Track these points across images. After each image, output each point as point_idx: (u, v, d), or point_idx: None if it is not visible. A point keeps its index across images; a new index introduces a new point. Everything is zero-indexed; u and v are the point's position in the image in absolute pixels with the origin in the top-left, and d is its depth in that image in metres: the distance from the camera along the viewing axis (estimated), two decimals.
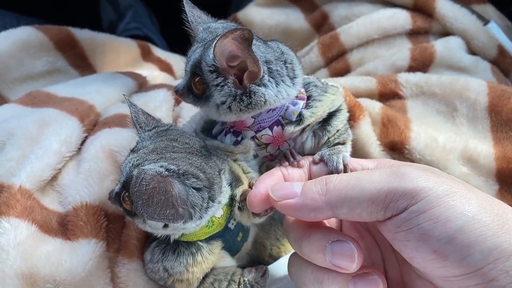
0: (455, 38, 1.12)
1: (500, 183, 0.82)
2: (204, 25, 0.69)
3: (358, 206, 0.50)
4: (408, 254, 0.49)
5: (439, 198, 0.46)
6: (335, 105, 0.69)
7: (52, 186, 0.76)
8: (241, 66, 0.62)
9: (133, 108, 0.66)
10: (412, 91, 0.96)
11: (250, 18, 1.34)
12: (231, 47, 0.59)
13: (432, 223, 0.46)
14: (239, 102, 0.63)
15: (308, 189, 0.54)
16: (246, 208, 0.64)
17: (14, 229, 0.66)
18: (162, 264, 0.64)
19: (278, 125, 0.67)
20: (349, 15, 1.22)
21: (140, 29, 1.73)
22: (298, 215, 0.55)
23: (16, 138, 0.78)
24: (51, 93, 0.94)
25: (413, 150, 0.83)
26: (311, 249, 0.54)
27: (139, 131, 0.65)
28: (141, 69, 1.22)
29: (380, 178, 0.50)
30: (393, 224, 0.49)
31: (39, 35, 1.09)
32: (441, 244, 0.45)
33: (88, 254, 0.67)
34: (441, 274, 0.47)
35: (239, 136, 0.68)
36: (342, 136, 0.69)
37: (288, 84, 0.65)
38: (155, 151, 0.61)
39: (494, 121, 0.87)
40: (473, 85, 0.90)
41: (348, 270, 0.52)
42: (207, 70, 0.63)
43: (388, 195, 0.48)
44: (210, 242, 0.65)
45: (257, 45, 0.64)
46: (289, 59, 0.67)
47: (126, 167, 0.60)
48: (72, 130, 0.80)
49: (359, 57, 1.15)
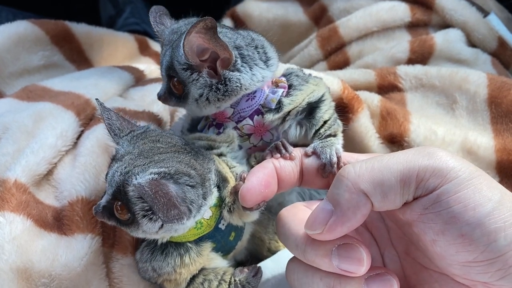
0: (454, 30, 1.12)
1: (500, 175, 0.81)
2: (169, 29, 0.70)
3: (390, 190, 0.47)
4: (431, 236, 0.47)
5: (468, 180, 0.45)
6: (315, 95, 0.68)
7: (47, 181, 0.76)
8: (213, 57, 0.62)
9: (106, 114, 0.63)
10: (412, 84, 0.95)
11: (249, 12, 1.34)
12: (198, 41, 0.59)
13: (462, 206, 0.44)
14: (216, 92, 0.64)
15: (335, 195, 0.50)
16: (236, 209, 0.63)
17: (9, 223, 0.66)
18: (151, 264, 0.64)
19: (258, 114, 0.67)
20: (348, 7, 1.22)
21: (139, 24, 1.72)
22: (347, 227, 0.49)
23: (11, 132, 0.78)
24: (47, 87, 0.93)
25: (412, 142, 0.83)
26: (316, 254, 0.51)
27: (115, 138, 0.63)
28: (139, 63, 1.22)
29: (407, 158, 0.48)
30: (420, 206, 0.47)
31: (35, 29, 1.08)
32: (470, 228, 0.44)
33: (84, 249, 0.67)
34: (462, 259, 0.46)
35: (221, 128, 0.69)
36: (332, 128, 0.68)
37: (262, 67, 0.66)
38: (142, 155, 0.59)
39: (494, 113, 0.86)
40: (473, 77, 0.90)
41: (357, 274, 0.49)
42: (181, 69, 0.64)
43: (420, 174, 0.46)
44: (199, 243, 0.64)
45: (223, 32, 0.65)
46: (260, 44, 0.67)
47: (115, 176, 0.58)
48: (68, 124, 0.80)
49: (358, 49, 1.15)
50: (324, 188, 0.64)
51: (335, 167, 0.62)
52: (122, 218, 0.59)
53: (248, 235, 0.72)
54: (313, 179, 0.63)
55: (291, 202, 0.75)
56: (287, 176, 0.62)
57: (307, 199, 0.78)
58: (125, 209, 0.58)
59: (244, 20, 1.35)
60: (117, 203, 0.58)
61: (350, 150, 0.68)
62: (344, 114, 0.83)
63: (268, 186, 0.59)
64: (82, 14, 1.78)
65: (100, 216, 0.60)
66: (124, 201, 0.57)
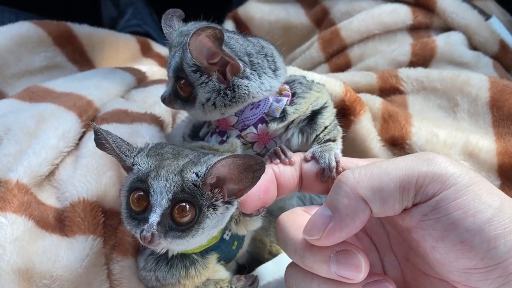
0: (456, 33, 1.12)
1: (502, 178, 0.81)
2: (177, 31, 0.70)
3: (390, 196, 0.47)
4: (430, 243, 0.47)
5: (468, 186, 0.45)
6: (319, 102, 0.69)
7: (49, 182, 0.76)
8: (223, 61, 0.62)
9: (110, 138, 0.60)
10: (413, 86, 0.95)
11: (251, 14, 1.34)
12: (208, 44, 0.59)
13: (462, 213, 0.45)
14: (223, 97, 0.64)
15: (333, 200, 0.50)
16: (242, 220, 0.64)
17: (11, 224, 0.66)
18: (155, 273, 0.63)
19: (262, 123, 0.67)
20: (350, 10, 1.21)
21: (141, 26, 1.72)
22: (345, 233, 0.49)
23: (13, 133, 0.78)
24: (49, 88, 0.93)
25: (413, 145, 0.83)
26: (314, 260, 0.50)
27: (127, 159, 0.60)
28: (141, 64, 1.22)
29: (406, 164, 0.48)
30: (419, 212, 0.47)
31: (38, 30, 1.09)
32: (470, 235, 0.44)
33: (85, 251, 0.66)
34: (462, 265, 0.46)
35: (224, 136, 0.69)
36: (332, 133, 0.68)
37: (271, 76, 0.66)
38: (177, 157, 0.59)
39: (495, 116, 0.86)
40: (475, 80, 0.90)
41: (354, 280, 0.49)
42: (190, 70, 0.64)
43: (419, 180, 0.46)
44: (205, 255, 0.64)
45: (235, 38, 0.65)
46: (270, 52, 0.68)
47: (169, 180, 0.56)
48: (70, 125, 0.80)
49: (360, 52, 1.15)
50: (324, 193, 0.64)
51: (334, 172, 0.61)
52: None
53: (249, 239, 0.72)
54: (312, 184, 0.63)
55: (291, 206, 0.75)
56: (286, 181, 0.61)
57: (307, 204, 0.78)
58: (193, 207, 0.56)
59: (246, 22, 1.35)
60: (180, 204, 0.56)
61: (352, 153, 0.68)
62: (346, 116, 0.83)
63: (267, 192, 0.59)
64: (82, 14, 1.79)
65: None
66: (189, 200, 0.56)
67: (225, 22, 1.39)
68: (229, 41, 0.64)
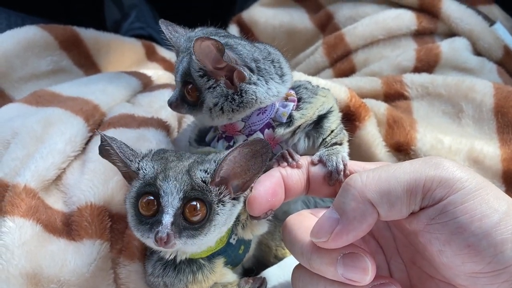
0: (460, 38, 1.12)
1: (506, 184, 0.81)
2: (185, 36, 0.71)
3: (397, 200, 0.48)
4: (437, 247, 0.48)
5: (475, 191, 0.46)
6: (325, 107, 0.69)
7: (56, 186, 0.76)
8: (229, 67, 0.63)
9: (115, 144, 0.60)
10: (418, 92, 0.95)
11: (255, 18, 1.35)
12: (214, 50, 0.60)
13: (469, 217, 0.45)
14: (231, 102, 0.64)
15: (341, 203, 0.50)
16: (248, 224, 0.64)
17: (19, 228, 0.66)
18: (163, 279, 0.64)
19: (269, 128, 0.68)
20: (354, 15, 1.22)
21: (144, 29, 1.73)
22: (352, 236, 0.49)
23: (20, 137, 0.78)
24: (56, 92, 0.93)
25: (418, 151, 0.83)
26: (321, 262, 0.51)
27: (131, 164, 0.60)
28: (146, 68, 1.22)
29: (414, 168, 0.48)
30: (426, 216, 0.48)
31: (44, 34, 1.09)
32: (477, 239, 0.44)
33: (92, 255, 0.67)
34: (469, 269, 0.46)
35: (231, 141, 0.69)
36: (338, 136, 0.69)
37: (278, 81, 0.67)
38: (181, 159, 0.60)
39: (500, 122, 0.87)
40: (479, 86, 0.90)
41: (361, 283, 0.49)
42: (197, 75, 0.64)
43: (426, 184, 0.47)
44: (211, 260, 0.65)
45: (242, 44, 0.66)
46: (276, 58, 0.68)
47: (178, 180, 0.57)
48: (77, 129, 0.80)
49: (364, 57, 1.15)
50: (331, 196, 0.64)
51: (342, 175, 0.62)
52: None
53: (255, 243, 0.72)
54: (319, 187, 0.64)
55: (296, 210, 0.75)
56: (294, 184, 0.62)
57: (312, 207, 0.78)
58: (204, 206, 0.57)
59: (250, 26, 1.35)
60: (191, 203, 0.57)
61: (357, 158, 0.68)
62: (351, 122, 0.83)
63: (275, 194, 0.60)
64: (82, 14, 1.79)
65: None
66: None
67: (229, 26, 1.40)
68: (236, 46, 0.65)
